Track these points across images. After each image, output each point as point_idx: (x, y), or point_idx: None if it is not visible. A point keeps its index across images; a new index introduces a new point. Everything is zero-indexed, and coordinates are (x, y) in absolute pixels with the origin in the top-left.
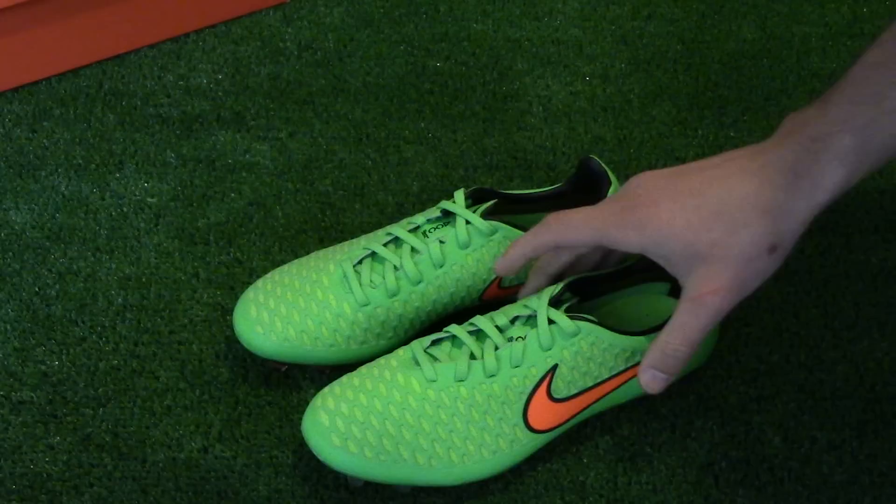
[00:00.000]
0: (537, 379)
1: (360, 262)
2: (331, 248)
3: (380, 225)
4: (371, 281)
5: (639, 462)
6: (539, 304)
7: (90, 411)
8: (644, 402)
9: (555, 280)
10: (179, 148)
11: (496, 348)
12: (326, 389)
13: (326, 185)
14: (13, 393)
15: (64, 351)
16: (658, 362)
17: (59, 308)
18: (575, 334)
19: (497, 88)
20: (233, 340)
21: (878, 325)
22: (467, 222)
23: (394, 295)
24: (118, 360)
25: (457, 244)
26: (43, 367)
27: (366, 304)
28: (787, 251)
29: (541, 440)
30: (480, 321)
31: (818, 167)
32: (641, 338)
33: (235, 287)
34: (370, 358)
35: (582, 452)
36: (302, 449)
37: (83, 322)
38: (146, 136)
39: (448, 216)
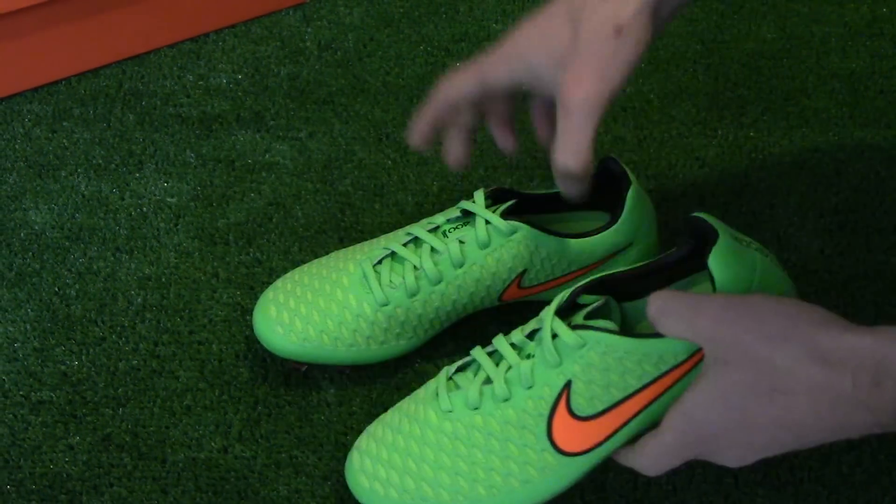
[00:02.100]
0: (553, 399)
1: (379, 262)
2: (350, 248)
3: (399, 225)
4: (391, 281)
5: None
6: (545, 316)
7: (110, 411)
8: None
9: (471, 136)
10: (199, 148)
11: (508, 369)
12: (369, 429)
13: (346, 185)
14: (33, 393)
15: (83, 351)
16: (560, 183)
17: (78, 308)
18: (581, 346)
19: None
20: (252, 340)
21: None
22: (487, 222)
23: (413, 295)
24: (138, 360)
25: (476, 244)
26: (63, 367)
27: (385, 304)
28: (638, 35)
29: (579, 464)
30: (498, 341)
31: None
32: (663, 339)
33: (255, 287)
34: (390, 358)
35: None
36: (322, 449)
37: (103, 322)
38: (166, 136)
39: (468, 216)
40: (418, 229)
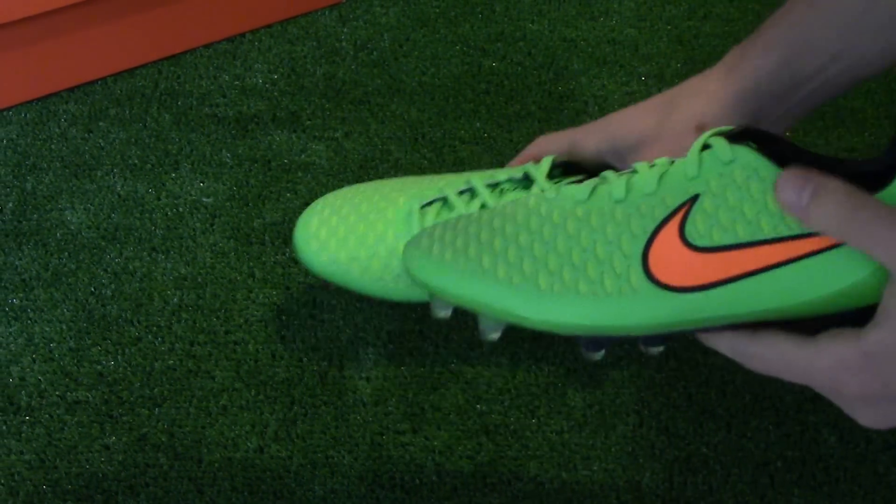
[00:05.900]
0: (668, 211)
1: (428, 204)
2: (409, 179)
3: None
4: None
5: (694, 462)
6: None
7: (146, 411)
8: (699, 402)
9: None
10: (235, 148)
11: (633, 175)
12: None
13: None
14: (69, 393)
15: (119, 351)
16: None
17: (114, 308)
18: (729, 162)
19: (553, 88)
20: (288, 340)
21: None
22: (541, 190)
23: None
24: (174, 360)
25: None
26: (99, 367)
27: None
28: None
29: (670, 301)
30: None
31: (744, 57)
32: None
33: (291, 287)
34: (413, 301)
35: (637, 452)
36: (357, 449)
37: (139, 322)
38: (202, 136)
39: (527, 180)
40: (477, 180)
